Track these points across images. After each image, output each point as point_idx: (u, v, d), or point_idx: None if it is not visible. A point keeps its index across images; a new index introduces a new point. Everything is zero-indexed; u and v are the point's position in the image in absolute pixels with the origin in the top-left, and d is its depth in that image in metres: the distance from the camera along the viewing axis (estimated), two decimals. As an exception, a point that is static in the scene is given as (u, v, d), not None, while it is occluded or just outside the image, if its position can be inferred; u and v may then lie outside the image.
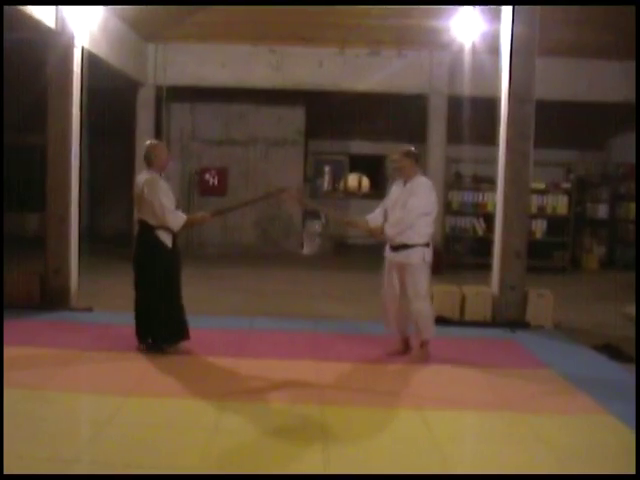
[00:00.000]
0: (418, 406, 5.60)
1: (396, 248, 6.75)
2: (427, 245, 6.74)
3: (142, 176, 6.72)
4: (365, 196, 18.43)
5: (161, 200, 6.51)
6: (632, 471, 4.35)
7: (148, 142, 6.95)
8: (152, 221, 6.60)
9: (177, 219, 6.62)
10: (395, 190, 6.92)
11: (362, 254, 15.95)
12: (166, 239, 6.65)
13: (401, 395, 5.92)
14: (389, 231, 6.71)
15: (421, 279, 6.74)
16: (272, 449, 4.64)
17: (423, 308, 6.79)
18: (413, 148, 6.91)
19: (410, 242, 6.65)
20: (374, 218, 6.99)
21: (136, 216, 6.88)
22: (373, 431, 5.03)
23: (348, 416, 5.33)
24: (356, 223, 7.42)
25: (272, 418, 5.21)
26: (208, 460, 4.40)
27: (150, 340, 6.83)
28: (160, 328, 6.75)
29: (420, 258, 6.69)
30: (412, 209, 6.59)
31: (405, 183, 6.79)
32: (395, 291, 6.89)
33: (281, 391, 5.89)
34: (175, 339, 6.83)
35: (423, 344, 6.95)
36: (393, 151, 7.15)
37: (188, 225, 6.80)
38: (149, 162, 6.72)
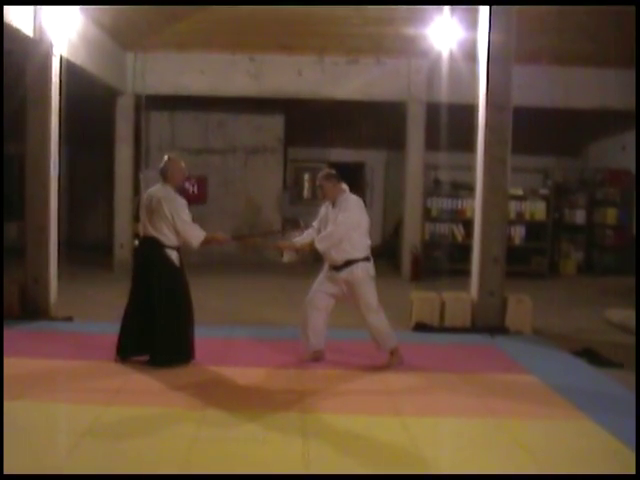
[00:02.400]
0: (398, 413, 5.60)
1: (338, 267, 6.74)
2: (368, 259, 6.76)
3: (157, 191, 6.60)
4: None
5: (181, 216, 6.46)
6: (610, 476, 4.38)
7: (166, 156, 6.80)
8: (164, 239, 6.50)
9: (199, 234, 6.55)
10: (324, 210, 6.96)
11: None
12: (175, 257, 6.59)
13: (381, 402, 5.92)
14: (319, 245, 6.70)
15: (368, 292, 6.76)
16: (252, 457, 4.62)
17: (377, 321, 6.81)
18: (332, 170, 6.99)
19: (351, 257, 6.66)
20: (304, 239, 6.98)
21: (137, 230, 6.66)
22: (353, 437, 5.02)
23: (329, 423, 5.32)
24: (283, 245, 7.29)
25: (253, 426, 5.18)
26: (188, 469, 4.37)
27: (148, 356, 6.65)
28: (168, 346, 6.55)
29: (364, 272, 6.71)
30: (341, 222, 6.61)
31: (333, 205, 6.81)
32: (326, 300, 6.93)
33: (263, 399, 5.87)
34: (182, 358, 6.65)
35: (392, 352, 6.93)
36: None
37: (207, 242, 6.69)
38: (165, 177, 6.63)
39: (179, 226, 6.45)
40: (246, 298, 10.83)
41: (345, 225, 6.61)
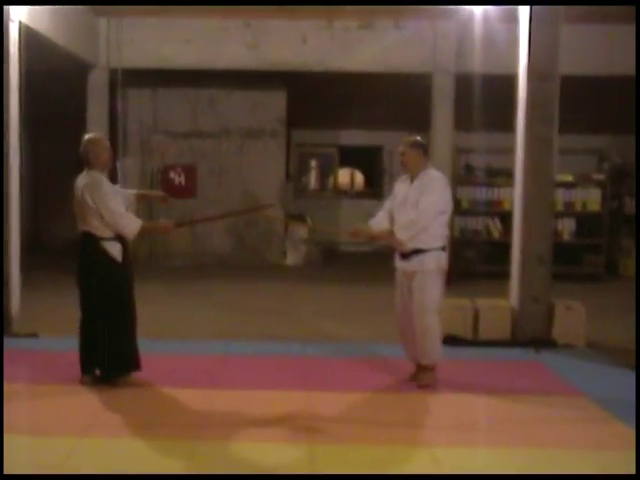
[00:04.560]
0: (427, 443, 5.59)
1: (407, 255, 6.74)
2: (443, 249, 6.77)
3: (81, 180, 6.66)
4: (359, 195, 18.48)
5: (108, 204, 6.46)
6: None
7: (85, 137, 6.84)
8: (99, 232, 6.55)
9: (132, 224, 6.57)
10: (401, 187, 6.95)
11: (356, 263, 15.98)
12: (115, 251, 6.60)
13: (406, 429, 5.90)
14: (400, 235, 6.69)
15: (432, 289, 6.74)
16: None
17: (431, 324, 6.78)
18: (420, 138, 6.95)
19: (424, 246, 6.66)
20: (379, 222, 7.00)
21: (79, 227, 6.75)
22: (373, 473, 4.99)
23: (343, 455, 5.30)
24: (358, 232, 7.32)
25: (252, 460, 5.16)
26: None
27: (97, 371, 6.76)
28: (106, 357, 6.67)
29: (436, 264, 6.71)
30: (426, 208, 6.61)
31: (413, 179, 6.82)
32: (408, 308, 6.88)
33: (263, 427, 5.86)
34: (123, 370, 6.76)
35: (429, 368, 6.92)
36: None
37: (145, 232, 6.80)
38: (87, 162, 6.68)
39: (107, 217, 6.48)
40: (243, 308, 10.80)
41: (430, 210, 6.63)
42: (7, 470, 4.89)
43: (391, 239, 6.83)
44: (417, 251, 6.68)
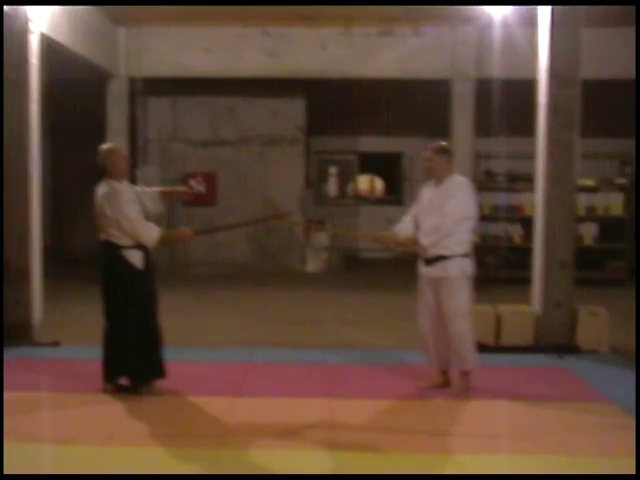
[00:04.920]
0: (451, 450, 5.56)
1: (431, 261, 6.72)
2: (467, 256, 6.73)
3: (100, 189, 6.68)
4: (379, 201, 18.44)
5: (126, 213, 6.47)
6: None
7: (102, 147, 6.85)
8: (120, 241, 6.56)
9: (151, 233, 6.58)
10: (427, 193, 6.94)
11: (377, 270, 15.94)
12: (136, 259, 6.61)
13: (430, 437, 5.87)
14: (424, 240, 6.68)
15: (460, 295, 6.72)
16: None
17: (464, 330, 6.75)
18: (445, 143, 6.95)
19: (447, 253, 6.64)
20: (404, 228, 6.98)
21: (100, 236, 6.77)
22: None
23: (366, 463, 5.28)
24: (383, 238, 7.33)
25: (275, 468, 5.15)
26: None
27: (121, 380, 6.77)
28: (131, 365, 6.68)
29: (459, 271, 6.68)
30: (450, 213, 6.60)
31: (438, 184, 6.80)
32: (432, 314, 6.85)
33: (286, 435, 5.83)
34: (147, 378, 6.77)
35: (463, 374, 6.90)
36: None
37: (165, 241, 6.80)
38: (106, 171, 6.70)
39: (126, 226, 6.49)
40: (265, 315, 10.79)
41: (454, 216, 6.61)
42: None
43: (415, 245, 6.81)
44: (440, 257, 6.66)
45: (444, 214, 6.61)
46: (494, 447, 5.72)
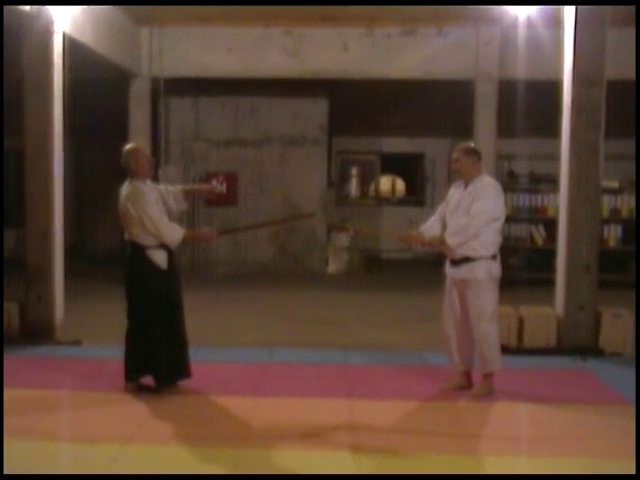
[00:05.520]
0: (473, 452, 5.55)
1: (457, 262, 6.70)
2: (494, 257, 6.71)
3: (124, 189, 6.71)
4: (400, 202, 18.41)
5: (150, 214, 6.50)
6: None
7: (125, 147, 6.88)
8: (144, 240, 6.60)
9: (174, 233, 6.61)
10: (455, 194, 6.92)
11: (399, 271, 15.89)
12: (160, 259, 6.64)
13: (452, 439, 5.84)
14: (451, 240, 6.65)
15: (487, 297, 6.70)
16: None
17: (489, 332, 6.73)
18: (473, 144, 6.98)
19: (474, 254, 6.62)
20: (430, 228, 6.98)
21: (124, 236, 6.81)
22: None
23: (387, 464, 5.27)
24: (409, 237, 7.31)
25: (296, 469, 5.15)
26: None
27: (144, 379, 6.79)
28: (155, 365, 6.71)
29: (486, 273, 6.65)
30: (478, 214, 6.58)
31: (466, 185, 6.79)
32: (456, 315, 6.85)
33: (307, 436, 5.83)
34: (172, 378, 6.80)
35: (487, 376, 6.87)
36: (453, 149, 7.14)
37: (188, 240, 6.85)
38: (129, 171, 6.73)
39: (149, 226, 6.52)
40: (286, 315, 10.80)
41: (482, 217, 6.59)
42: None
43: (442, 246, 6.79)
44: (467, 259, 6.64)
45: (472, 215, 6.60)
46: (517, 449, 5.69)
